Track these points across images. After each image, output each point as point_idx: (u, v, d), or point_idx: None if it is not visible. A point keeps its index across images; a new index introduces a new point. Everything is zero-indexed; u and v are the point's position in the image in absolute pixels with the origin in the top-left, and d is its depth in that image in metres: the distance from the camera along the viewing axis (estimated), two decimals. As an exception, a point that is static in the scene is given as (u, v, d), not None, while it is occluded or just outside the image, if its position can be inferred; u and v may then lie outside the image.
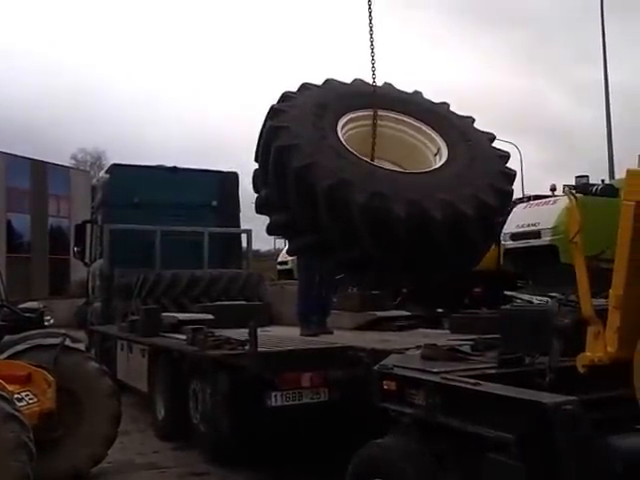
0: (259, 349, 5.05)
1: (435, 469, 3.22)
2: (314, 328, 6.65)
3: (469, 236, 4.24)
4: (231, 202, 11.20)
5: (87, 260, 11.61)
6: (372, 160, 4.91)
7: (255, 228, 11.46)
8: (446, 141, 4.94)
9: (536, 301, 4.22)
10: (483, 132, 5.18)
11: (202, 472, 5.84)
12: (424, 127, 5.11)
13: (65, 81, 67.48)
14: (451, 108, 5.32)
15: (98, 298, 10.76)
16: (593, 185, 14.22)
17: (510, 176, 4.79)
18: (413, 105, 5.27)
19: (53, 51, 73.28)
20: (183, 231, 10.36)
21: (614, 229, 2.91)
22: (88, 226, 11.69)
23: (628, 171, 2.80)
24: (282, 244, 27.83)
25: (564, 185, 14.92)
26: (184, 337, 6.43)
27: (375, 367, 3.69)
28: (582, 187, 13.62)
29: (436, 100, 5.38)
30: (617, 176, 18.26)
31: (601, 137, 20.65)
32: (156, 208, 10.34)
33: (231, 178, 11.27)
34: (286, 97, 4.88)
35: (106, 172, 11.99)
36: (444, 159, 4.76)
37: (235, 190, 11.24)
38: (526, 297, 4.28)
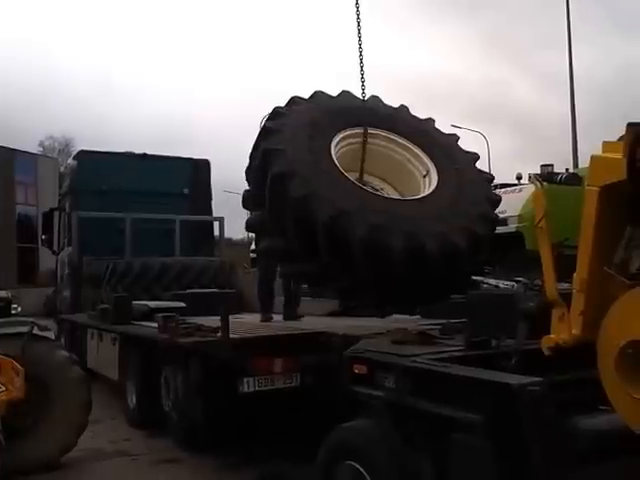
0: (231, 336, 5.05)
1: (406, 451, 3.27)
2: (270, 315, 6.78)
3: (460, 266, 4.33)
4: (203, 190, 11.16)
5: (55, 248, 11.44)
6: (361, 177, 5.01)
7: (227, 216, 11.48)
8: (435, 164, 5.03)
9: (502, 286, 4.28)
10: (467, 152, 5.34)
11: (174, 459, 5.84)
12: (412, 147, 5.20)
13: (33, 66, 66.10)
14: (419, 99, 5.47)
15: (67, 286, 10.65)
16: (558, 174, 14.49)
17: (496, 202, 4.97)
18: (401, 122, 5.34)
19: (20, 37, 71.59)
20: (154, 219, 10.27)
21: (578, 217, 2.97)
22: (56, 214, 11.50)
23: (592, 157, 2.85)
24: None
25: (529, 174, 15.16)
26: (155, 325, 6.40)
27: (346, 352, 3.72)
28: (547, 176, 13.87)
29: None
30: (581, 165, 18.58)
31: (566, 125, 20.91)
32: (125, 195, 10.26)
33: (203, 165, 11.21)
34: (277, 114, 4.87)
35: (74, 159, 11.83)
36: (434, 184, 4.86)
37: (207, 177, 11.20)
38: (493, 282, 4.34)
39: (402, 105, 5.53)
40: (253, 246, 20.38)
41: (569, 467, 2.68)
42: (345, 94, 5.29)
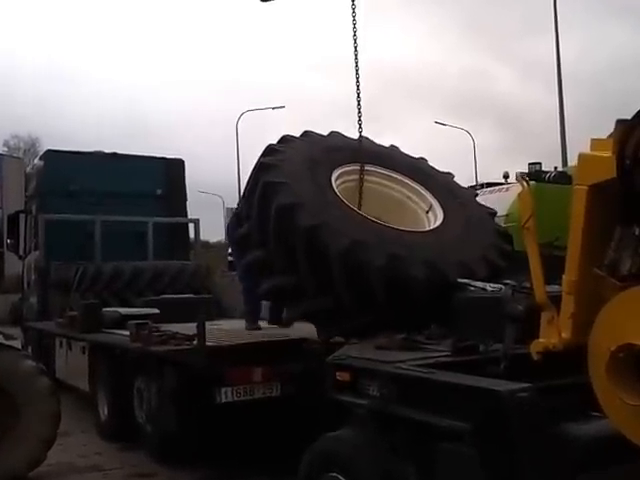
0: (207, 344, 5.02)
1: (391, 460, 3.27)
2: (257, 322, 6.76)
3: None
4: (177, 190, 11.12)
5: (22, 253, 11.31)
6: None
7: (203, 217, 11.45)
8: (437, 199, 5.28)
9: (489, 288, 4.29)
10: (465, 188, 5.79)
11: (149, 473, 5.78)
12: (412, 183, 5.44)
13: (-3, 65, 65.22)
14: (399, 90, 5.72)
15: (34, 293, 10.53)
16: (546, 172, 14.62)
17: (504, 234, 5.23)
18: (397, 160, 5.63)
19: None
20: (125, 221, 10.20)
21: (568, 216, 3.00)
22: (22, 216, 11.37)
23: (580, 155, 2.87)
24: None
25: (517, 172, 15.31)
26: (127, 333, 6.35)
27: (328, 358, 3.71)
28: (535, 174, 14.00)
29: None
30: (569, 162, 18.75)
31: (554, 118, 21.05)
32: (95, 197, 10.21)
33: (176, 165, 11.16)
34: (272, 150, 5.04)
35: (41, 159, 11.71)
36: (440, 218, 5.09)
37: (181, 178, 11.16)
38: (480, 284, 4.35)
39: (392, 145, 5.90)
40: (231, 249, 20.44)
41: (559, 476, 2.70)
42: (335, 134, 5.64)
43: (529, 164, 15.32)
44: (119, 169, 10.47)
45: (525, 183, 3.17)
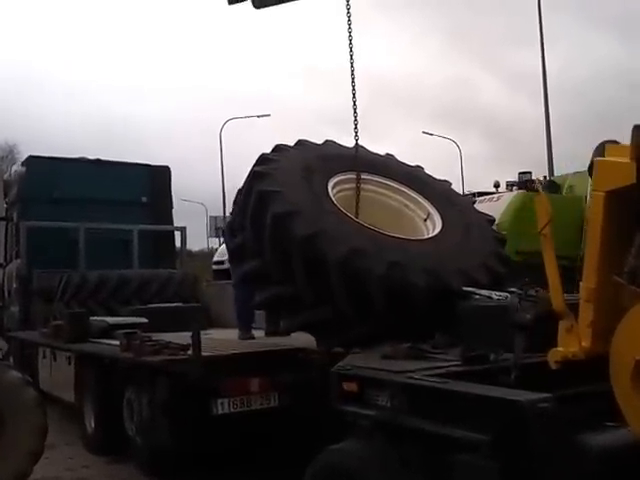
0: (203, 354, 4.93)
1: (400, 472, 3.21)
2: (251, 332, 6.68)
3: None
4: (162, 198, 11.00)
5: (2, 261, 11.14)
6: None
7: (187, 225, 11.34)
8: (435, 207, 5.28)
9: (495, 296, 4.26)
10: (462, 196, 5.64)
11: (139, 486, 5.68)
12: (409, 191, 5.44)
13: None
14: (384, 99, 5.77)
15: (15, 302, 10.31)
16: (535, 181, 14.71)
17: (502, 241, 5.25)
18: (393, 168, 5.63)
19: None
20: (110, 229, 10.08)
21: (557, 225, 3.01)
22: (2, 224, 11.20)
23: (598, 161, 2.85)
24: (216, 243, 27.56)
25: (507, 181, 15.42)
26: (117, 343, 6.23)
27: (334, 368, 3.64)
28: (524, 183, 14.09)
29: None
30: (556, 172, 18.91)
31: (539, 128, 21.25)
32: (79, 204, 10.04)
33: (162, 172, 11.06)
34: (265, 159, 5.01)
35: (22, 165, 11.52)
36: (438, 226, 5.08)
37: (167, 185, 11.06)
38: (485, 292, 4.32)
39: (388, 154, 5.89)
40: (216, 258, 20.35)
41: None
42: (330, 143, 5.63)
43: (519, 173, 15.43)
44: (103, 176, 10.34)
45: (540, 188, 3.14)
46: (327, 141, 5.70)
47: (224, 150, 32.50)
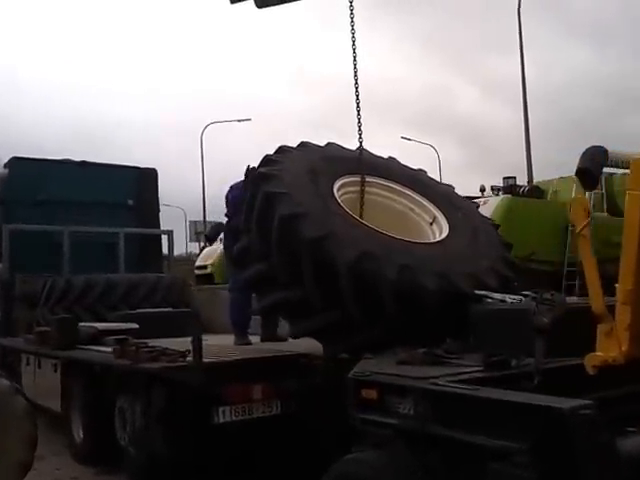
0: (204, 359, 4.78)
1: (424, 483, 3.09)
2: (247, 337, 6.57)
3: None
4: (149, 201, 10.84)
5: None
6: None
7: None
8: (441, 210, 5.27)
9: (509, 300, 4.18)
10: (465, 199, 5.80)
11: (131, 498, 5.49)
12: (414, 195, 5.42)
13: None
14: (368, 103, 5.77)
15: (-4, 307, 10.05)
16: (520, 186, 14.77)
17: (509, 245, 5.24)
18: (397, 171, 5.62)
19: None
20: (95, 232, 9.88)
21: (542, 230, 2.95)
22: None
23: (635, 161, 2.78)
24: (196, 248, 27.34)
25: (492, 186, 15.44)
26: (108, 349, 6.05)
27: (351, 374, 3.52)
28: (509, 188, 14.12)
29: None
30: (535, 177, 19.00)
31: (514, 136, 21.46)
32: (63, 206, 9.90)
33: (149, 175, 10.91)
34: (270, 161, 4.95)
35: (5, 166, 11.26)
36: (445, 230, 5.06)
37: (154, 188, 10.92)
38: (498, 296, 4.23)
39: (390, 157, 5.88)
40: (198, 262, 20.13)
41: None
42: (332, 145, 5.60)
43: (504, 178, 15.48)
44: (89, 178, 10.17)
45: (579, 184, 3.05)
46: (329, 143, 5.66)
47: (199, 156, 32.21)
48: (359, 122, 5.26)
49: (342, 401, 3.95)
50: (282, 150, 5.18)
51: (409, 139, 33.93)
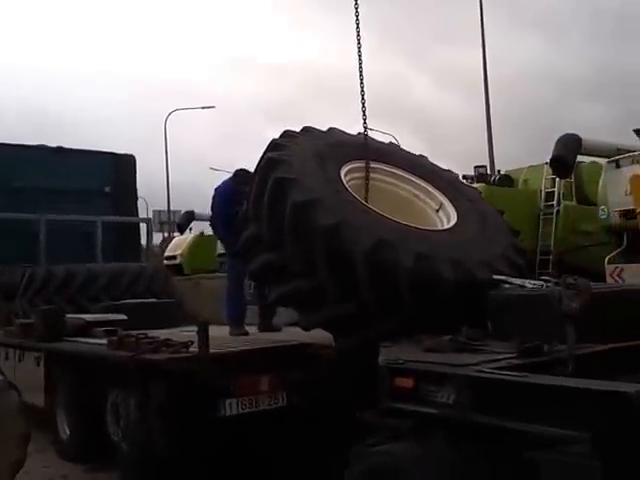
0: (211, 350, 4.61)
1: (465, 474, 2.99)
2: (244, 327, 6.41)
3: None
4: (127, 188, 10.57)
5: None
6: None
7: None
8: (447, 197, 5.22)
9: (529, 285, 4.11)
10: (468, 186, 5.88)
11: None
12: (420, 181, 5.36)
13: None
14: (314, 92, 5.75)
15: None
16: (490, 175, 14.85)
17: (516, 232, 5.23)
18: (401, 157, 5.57)
19: None
20: (72, 220, 9.58)
21: (515, 218, 2.89)
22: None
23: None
24: (160, 238, 26.92)
25: (463, 175, 15.50)
26: (100, 341, 5.83)
27: (383, 362, 3.40)
28: (480, 177, 14.17)
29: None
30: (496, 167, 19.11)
31: (467, 124, 21.45)
32: (38, 194, 9.57)
33: (127, 161, 10.63)
34: (277, 145, 4.88)
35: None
36: (453, 216, 5.01)
37: (131, 175, 10.64)
38: (518, 281, 4.17)
39: (391, 142, 5.96)
40: (167, 252, 19.78)
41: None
42: (334, 130, 5.53)
43: (475, 167, 15.53)
44: (65, 164, 9.85)
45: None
46: (331, 128, 5.56)
47: (159, 143, 31.48)
48: (363, 106, 5.22)
49: (346, 392, 3.90)
50: (288, 135, 5.07)
51: (371, 129, 33.86)
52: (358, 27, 5.22)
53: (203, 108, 32.55)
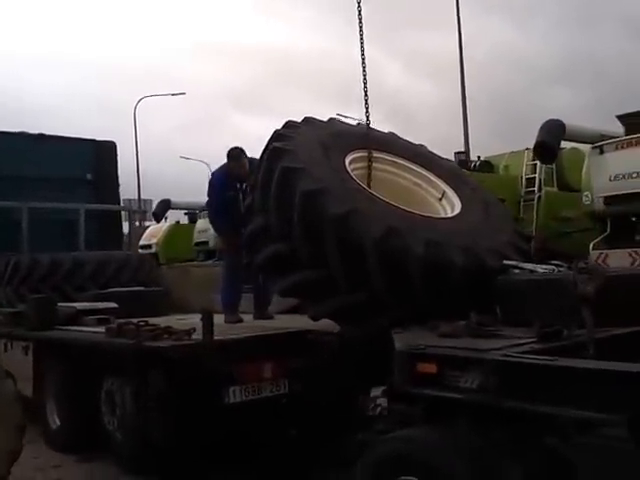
0: (216, 337, 4.54)
1: (492, 459, 2.97)
2: (238, 315, 6.35)
3: None
4: (108, 175, 10.39)
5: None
6: None
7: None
8: (449, 185, 5.23)
9: (540, 270, 4.12)
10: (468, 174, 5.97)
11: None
12: (422, 170, 5.37)
13: None
14: (285, 77, 5.80)
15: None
16: (471, 161, 14.93)
17: (517, 219, 5.26)
18: (400, 146, 5.56)
19: None
20: (54, 208, 9.40)
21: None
22: None
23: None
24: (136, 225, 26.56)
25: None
26: (93, 329, 5.73)
27: (403, 348, 3.36)
28: (460, 163, 14.25)
29: None
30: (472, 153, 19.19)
31: (438, 109, 21.48)
32: (19, 181, 9.34)
33: (108, 148, 10.46)
34: (281, 135, 4.85)
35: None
36: (457, 205, 5.03)
37: (113, 162, 10.47)
38: (529, 266, 4.18)
39: (391, 132, 5.85)
40: (142, 241, 19.54)
41: None
42: (334, 120, 5.57)
43: (455, 153, 15.60)
44: (46, 151, 9.61)
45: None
46: (332, 118, 5.58)
47: (128, 131, 30.85)
48: (365, 94, 5.19)
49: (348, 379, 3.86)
50: (291, 125, 5.02)
51: (345, 116, 33.84)
52: (361, 22, 5.20)
53: (173, 95, 32.07)
